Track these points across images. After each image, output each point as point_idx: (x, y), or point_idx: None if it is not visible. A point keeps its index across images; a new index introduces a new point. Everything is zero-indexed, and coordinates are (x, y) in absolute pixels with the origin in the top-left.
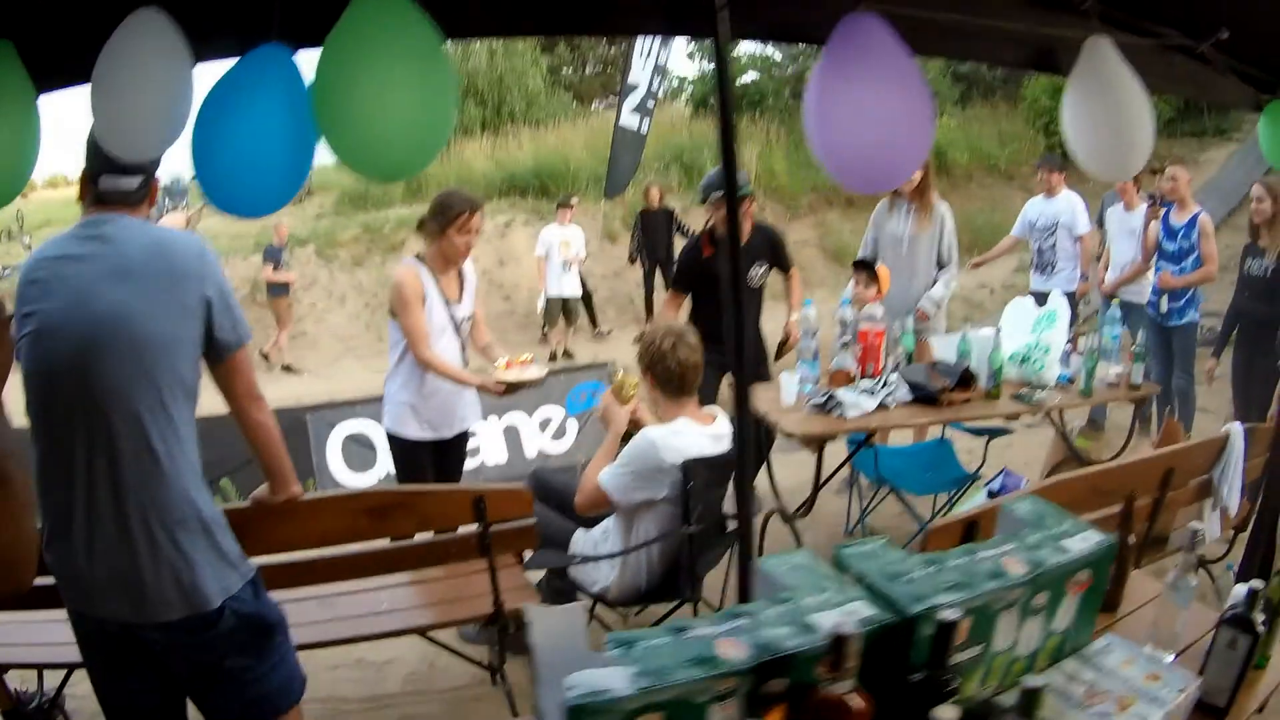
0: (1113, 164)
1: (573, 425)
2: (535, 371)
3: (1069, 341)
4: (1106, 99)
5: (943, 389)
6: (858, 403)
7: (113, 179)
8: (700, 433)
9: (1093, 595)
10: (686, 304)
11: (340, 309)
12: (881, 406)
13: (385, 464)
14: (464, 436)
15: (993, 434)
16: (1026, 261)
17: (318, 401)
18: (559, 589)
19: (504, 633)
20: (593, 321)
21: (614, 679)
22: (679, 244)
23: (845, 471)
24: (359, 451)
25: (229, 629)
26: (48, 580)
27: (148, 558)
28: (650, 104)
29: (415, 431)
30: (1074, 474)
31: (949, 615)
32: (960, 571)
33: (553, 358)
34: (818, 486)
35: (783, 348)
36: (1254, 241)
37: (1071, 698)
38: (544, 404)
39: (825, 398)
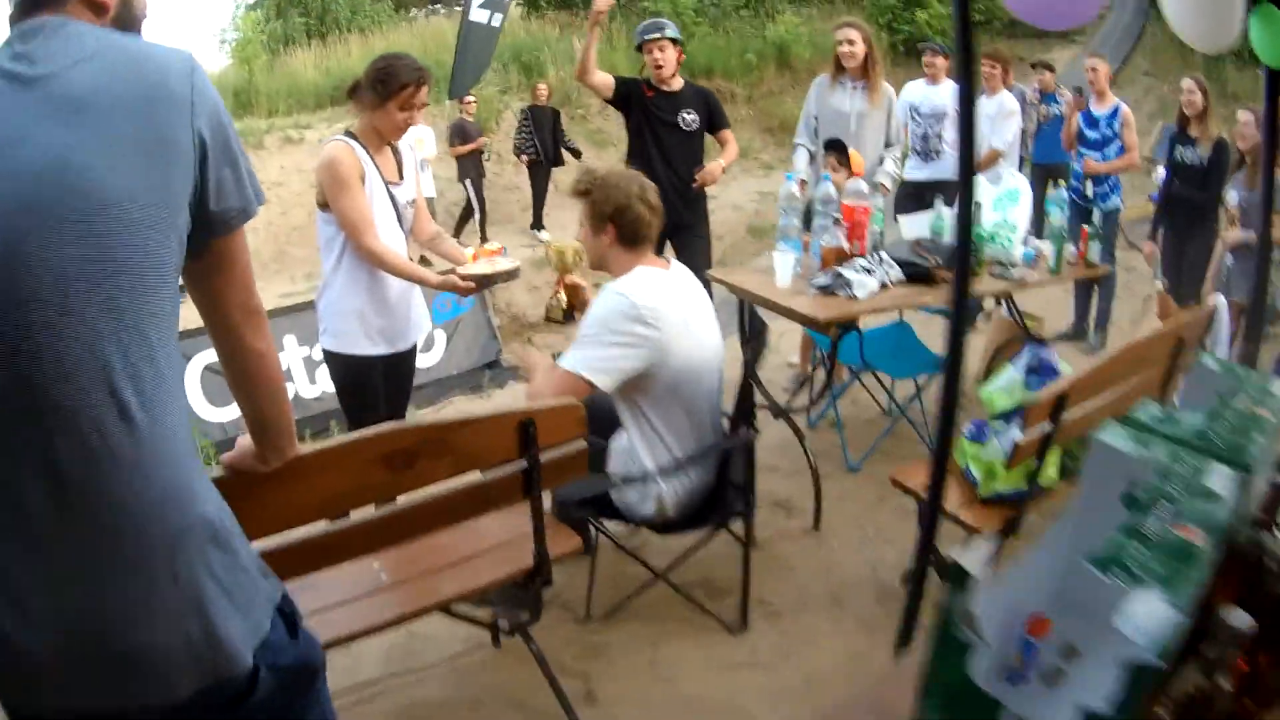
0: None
1: (440, 336)
2: (507, 262)
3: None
4: None
5: (935, 266)
6: (864, 282)
7: None
8: (666, 279)
9: None
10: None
11: None
12: (882, 287)
13: None
14: (414, 350)
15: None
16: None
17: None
18: (578, 520)
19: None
20: (483, 236)
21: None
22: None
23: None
24: (222, 384)
25: (266, 696)
26: None
27: (135, 601)
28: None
29: (366, 346)
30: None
31: None
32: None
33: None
34: (830, 379)
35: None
36: (1182, 131)
37: None
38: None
39: (832, 277)
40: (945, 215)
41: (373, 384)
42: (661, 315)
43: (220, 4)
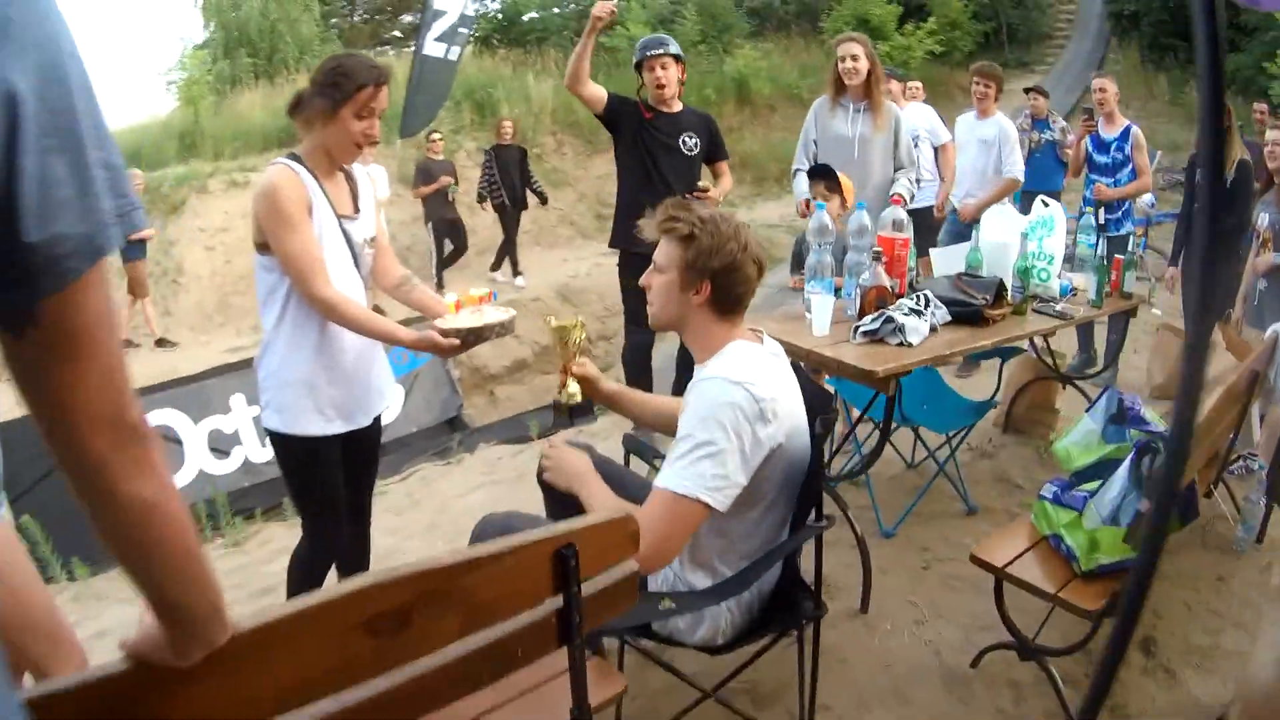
0: None
1: (397, 391)
2: (499, 313)
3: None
4: None
5: (985, 304)
6: (916, 327)
7: None
8: (770, 356)
9: None
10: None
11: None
12: (930, 330)
13: (197, 461)
14: (378, 422)
15: (1005, 355)
16: None
17: None
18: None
19: None
20: (438, 283)
21: None
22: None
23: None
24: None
25: None
26: None
27: None
28: (465, 30)
29: (319, 424)
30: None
31: None
32: None
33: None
34: (884, 440)
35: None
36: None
37: None
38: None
39: (880, 321)
40: (985, 247)
41: (329, 469)
42: (780, 408)
43: (167, 43)
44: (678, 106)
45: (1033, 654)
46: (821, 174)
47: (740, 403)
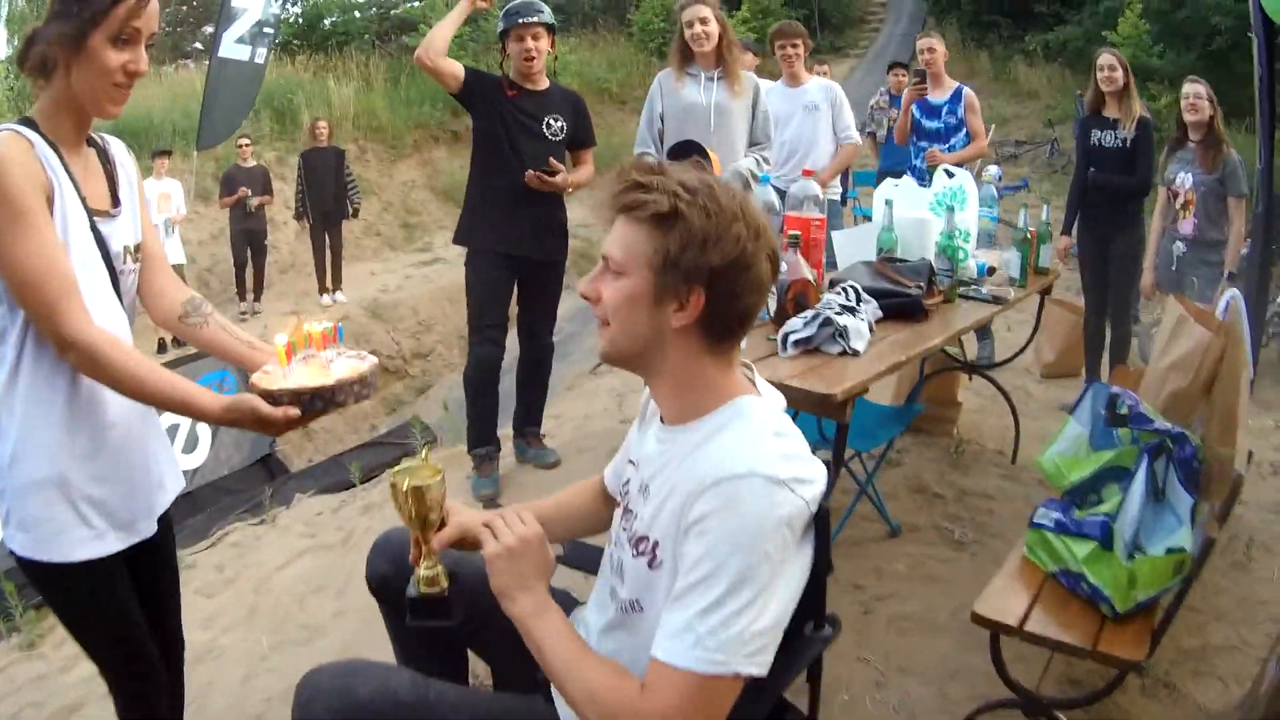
0: None
1: (204, 431)
2: (352, 361)
3: None
4: None
5: (921, 294)
6: (858, 329)
7: None
8: (779, 413)
9: None
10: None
11: None
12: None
13: None
14: (168, 524)
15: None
16: None
17: None
18: None
19: None
20: (239, 293)
21: None
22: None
23: None
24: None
25: None
26: None
27: None
28: (270, 31)
29: (87, 541)
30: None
31: None
32: None
33: (161, 347)
34: (838, 471)
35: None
36: (1095, 113)
37: None
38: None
39: (816, 325)
40: (900, 226)
41: (115, 604)
42: (814, 490)
43: None
44: (544, 83)
45: (1044, 710)
46: (680, 153)
47: (792, 517)
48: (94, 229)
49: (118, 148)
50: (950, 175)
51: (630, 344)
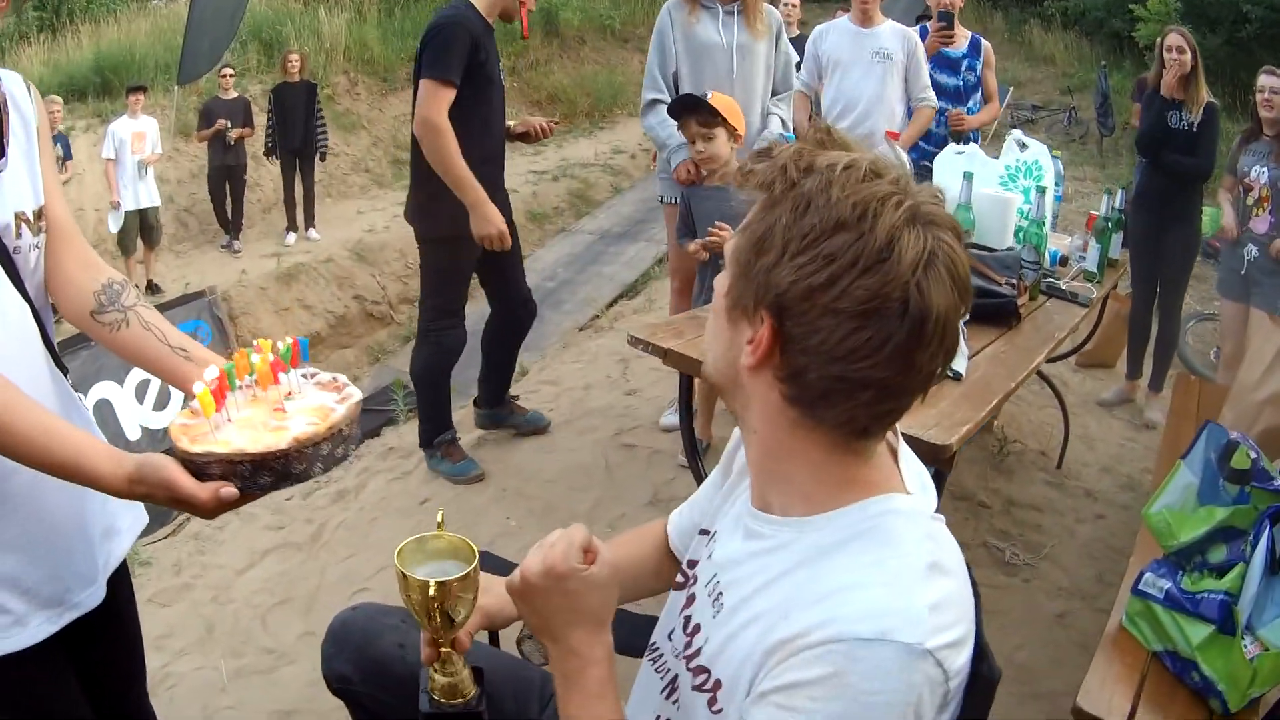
0: None
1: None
2: (319, 404)
3: None
4: None
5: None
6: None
7: None
8: (927, 522)
9: None
10: None
11: None
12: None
13: None
14: (123, 577)
15: None
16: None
17: None
18: None
19: None
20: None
21: None
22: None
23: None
24: None
25: None
26: None
27: None
28: None
29: (5, 632)
30: None
31: None
32: None
33: (152, 289)
34: None
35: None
36: (1157, 92)
37: None
38: None
39: None
40: (976, 202)
41: (49, 707)
42: (963, 655)
43: None
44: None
45: None
46: (689, 105)
47: (921, 697)
48: None
49: (11, 82)
50: (1023, 146)
51: (713, 366)
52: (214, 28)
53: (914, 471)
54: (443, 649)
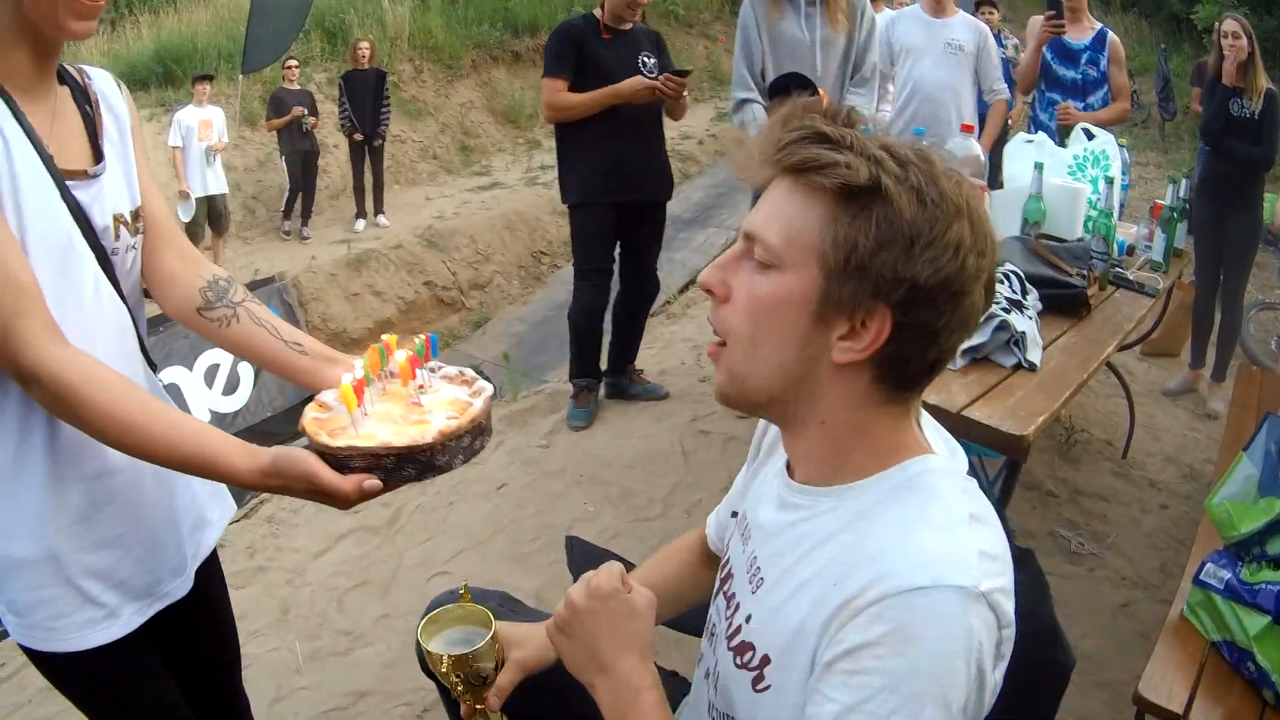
0: None
1: (247, 372)
2: (453, 398)
3: None
4: None
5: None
6: (1033, 334)
7: None
8: (961, 478)
9: None
10: None
11: None
12: None
13: None
14: (212, 567)
15: None
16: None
17: None
18: None
19: None
20: (303, 214)
21: None
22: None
23: None
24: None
25: None
26: None
27: None
28: None
29: (96, 626)
30: None
31: None
32: None
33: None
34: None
35: None
36: (1218, 80)
37: None
38: (206, 348)
39: (991, 330)
40: (1047, 192)
41: (142, 694)
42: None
43: None
44: (628, 24)
45: None
46: (801, 85)
47: (981, 644)
48: (67, 198)
49: (102, 81)
50: (1090, 136)
51: (768, 378)
52: (278, 16)
53: (940, 436)
54: (476, 708)
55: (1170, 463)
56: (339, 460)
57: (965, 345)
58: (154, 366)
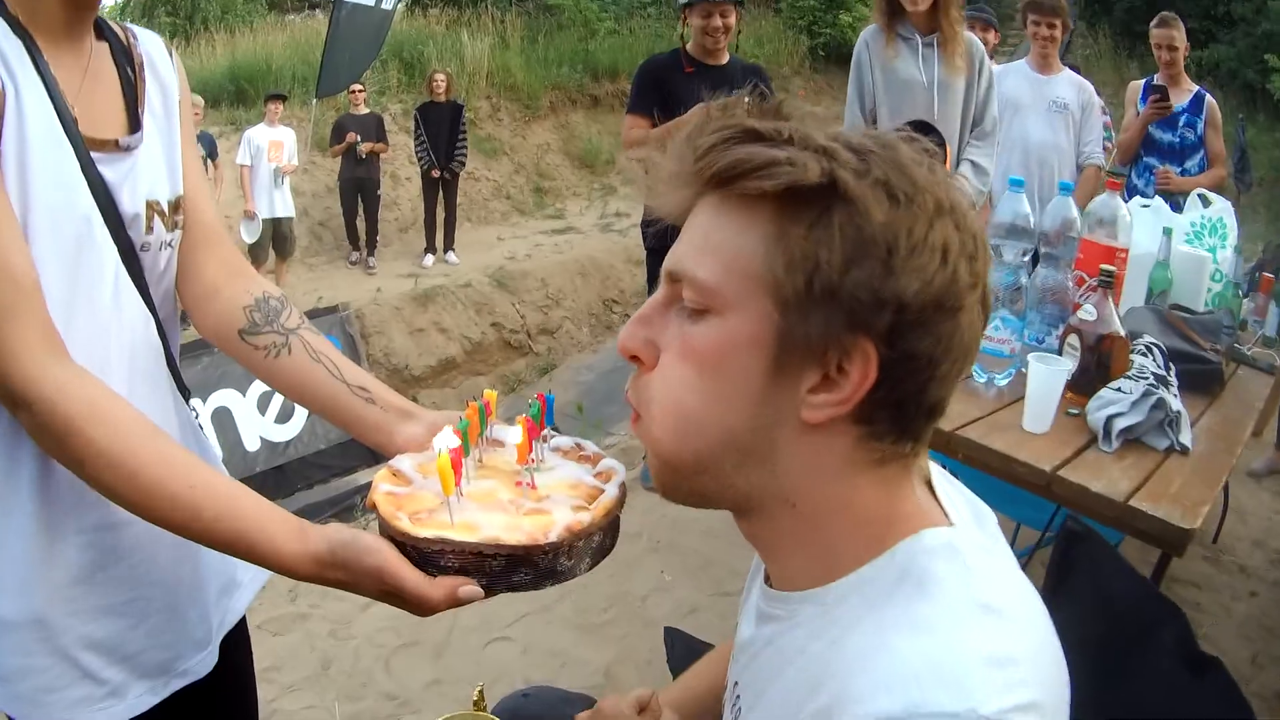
0: None
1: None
2: (574, 478)
3: None
4: None
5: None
6: (1183, 413)
7: None
8: (988, 556)
9: None
10: None
11: None
12: None
13: None
14: (241, 643)
15: None
16: None
17: None
18: None
19: None
20: (368, 246)
21: None
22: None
23: None
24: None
25: None
26: None
27: None
28: None
29: (95, 706)
30: None
31: None
32: None
33: None
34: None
35: None
36: None
37: None
38: None
39: (1149, 408)
40: (1174, 260)
41: None
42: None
43: None
44: (724, 58)
45: None
46: (922, 131)
47: None
48: (89, 173)
49: (151, 44)
50: (1206, 203)
51: (708, 450)
52: (354, 43)
53: (961, 500)
54: None
55: (1258, 547)
56: (424, 556)
57: (1124, 423)
58: (187, 395)
